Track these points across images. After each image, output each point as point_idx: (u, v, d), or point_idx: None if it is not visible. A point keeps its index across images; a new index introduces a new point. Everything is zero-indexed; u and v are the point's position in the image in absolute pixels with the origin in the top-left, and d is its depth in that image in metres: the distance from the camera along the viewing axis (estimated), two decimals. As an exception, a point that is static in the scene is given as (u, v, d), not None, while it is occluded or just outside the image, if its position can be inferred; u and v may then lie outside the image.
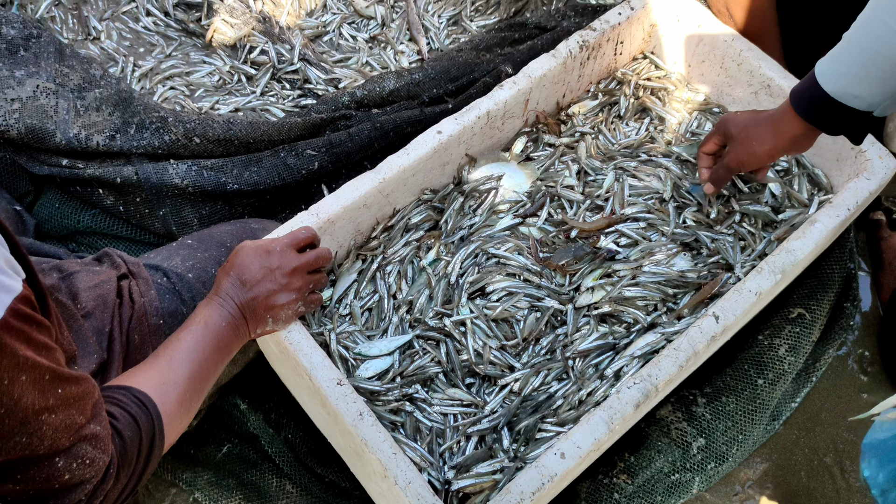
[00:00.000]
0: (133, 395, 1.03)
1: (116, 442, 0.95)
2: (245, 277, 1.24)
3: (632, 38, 1.76)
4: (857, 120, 1.23)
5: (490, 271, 1.51)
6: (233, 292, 1.23)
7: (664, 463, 1.57)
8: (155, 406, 1.04)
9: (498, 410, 1.39)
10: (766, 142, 1.35)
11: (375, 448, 1.21)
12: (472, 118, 1.54)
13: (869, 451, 1.37)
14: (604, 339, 1.44)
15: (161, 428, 1.04)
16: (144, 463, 1.01)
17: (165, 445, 1.06)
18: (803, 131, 1.30)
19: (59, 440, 0.84)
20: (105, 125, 1.68)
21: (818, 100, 1.22)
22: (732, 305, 1.37)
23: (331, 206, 1.42)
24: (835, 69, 1.19)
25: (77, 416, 0.87)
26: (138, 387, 1.05)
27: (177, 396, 1.09)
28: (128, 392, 1.03)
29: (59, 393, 0.84)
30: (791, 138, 1.32)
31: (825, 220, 1.46)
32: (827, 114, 1.23)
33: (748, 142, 1.37)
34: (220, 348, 1.20)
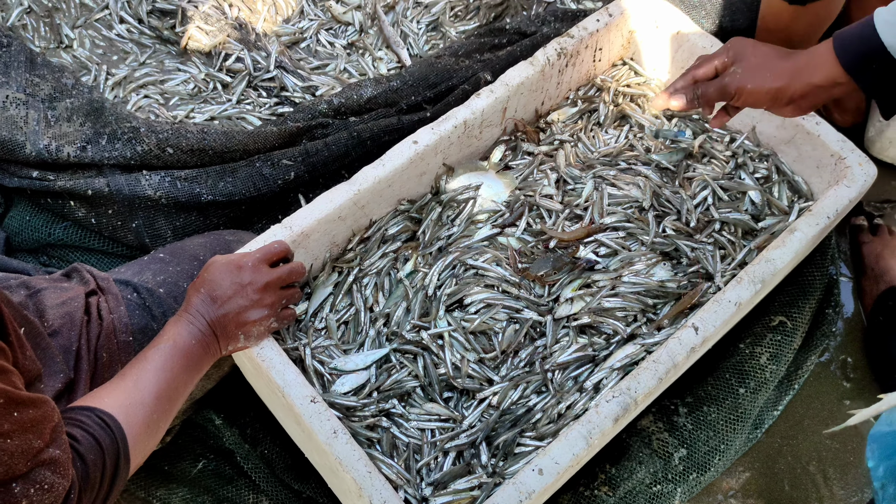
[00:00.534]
0: (97, 417, 1.00)
1: (78, 466, 0.93)
2: (216, 294, 1.22)
3: (610, 45, 1.75)
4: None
5: (468, 283, 1.49)
6: (203, 309, 1.21)
7: (645, 474, 1.55)
8: (120, 427, 1.01)
9: (476, 425, 1.37)
10: (782, 77, 1.14)
11: (350, 467, 1.19)
12: (448, 127, 1.52)
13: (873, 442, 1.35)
14: (583, 351, 1.42)
15: (126, 450, 1.01)
16: (109, 486, 0.99)
17: (131, 467, 1.04)
18: (831, 81, 1.11)
19: (15, 466, 0.81)
20: (76, 136, 1.65)
21: (870, 51, 1.04)
22: (712, 316, 1.36)
23: (305, 219, 1.40)
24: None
25: (35, 440, 0.84)
26: (103, 407, 1.03)
27: (143, 417, 1.06)
28: (91, 413, 1.01)
29: (14, 417, 0.82)
30: (813, 85, 1.13)
31: (805, 228, 1.45)
32: (874, 69, 1.06)
33: (762, 70, 1.16)
34: (190, 367, 1.17)
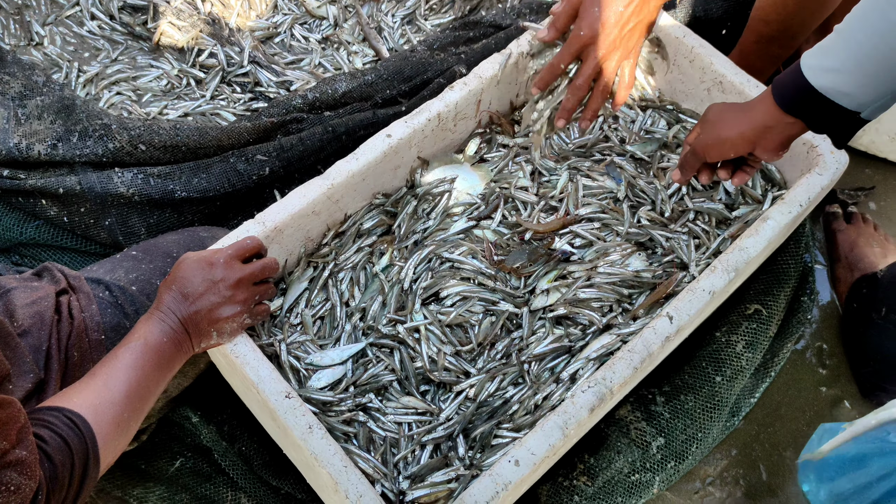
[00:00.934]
0: (65, 417, 1.00)
1: (46, 466, 0.92)
2: (187, 291, 1.21)
3: (584, 36, 1.74)
4: (843, 119, 1.14)
5: (444, 276, 1.48)
6: (174, 306, 1.20)
7: (624, 463, 1.56)
8: (89, 427, 1.01)
9: (453, 417, 1.37)
10: (735, 127, 1.26)
11: (325, 462, 1.18)
12: (422, 121, 1.52)
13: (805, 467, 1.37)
14: (559, 342, 1.43)
15: (95, 449, 1.00)
16: (78, 486, 0.98)
17: (102, 467, 1.03)
18: (777, 122, 1.21)
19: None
20: (47, 134, 1.63)
21: (803, 94, 1.14)
22: (686, 305, 1.36)
23: (278, 214, 1.39)
24: (824, 63, 1.11)
25: (0, 441, 0.83)
26: (71, 407, 1.02)
27: (113, 416, 1.05)
28: (59, 413, 1.00)
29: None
30: (762, 127, 1.23)
31: (777, 216, 1.45)
32: (812, 109, 1.15)
33: (718, 125, 1.29)
34: (161, 365, 1.16)
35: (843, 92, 1.11)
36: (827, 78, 1.11)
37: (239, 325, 1.26)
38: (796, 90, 1.15)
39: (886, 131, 2.02)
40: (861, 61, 1.06)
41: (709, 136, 1.31)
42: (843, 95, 1.11)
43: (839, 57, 1.08)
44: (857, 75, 1.08)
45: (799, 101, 1.16)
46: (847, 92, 1.10)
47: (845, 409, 1.80)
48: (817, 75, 1.11)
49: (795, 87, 1.15)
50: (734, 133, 1.26)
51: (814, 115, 1.16)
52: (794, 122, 1.20)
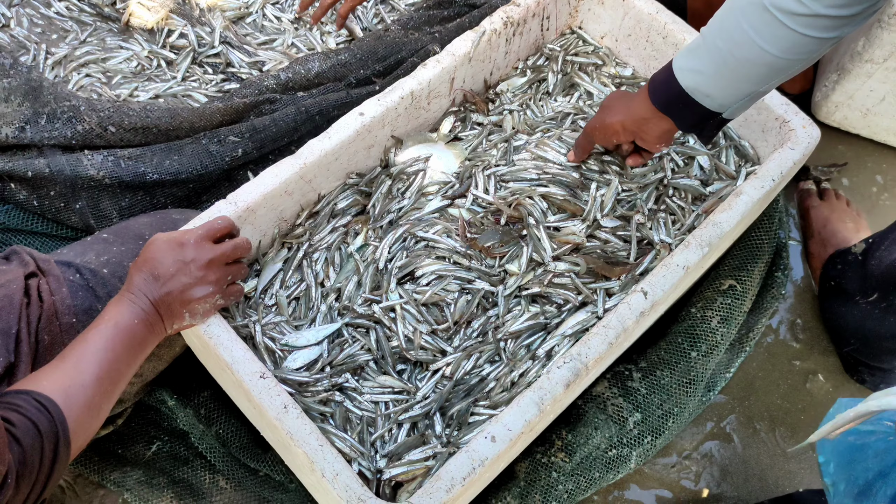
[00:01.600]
0: (34, 400, 0.98)
1: (15, 450, 0.91)
2: (158, 272, 1.20)
3: (558, 14, 1.74)
4: (707, 118, 1.21)
5: (419, 255, 1.48)
6: (145, 288, 1.19)
7: (601, 439, 1.57)
8: (59, 410, 1.00)
9: (430, 396, 1.38)
10: (618, 115, 1.34)
11: (301, 441, 1.18)
12: (395, 99, 1.51)
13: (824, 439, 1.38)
14: (535, 320, 1.43)
15: (66, 433, 0.99)
16: (49, 470, 0.97)
17: (73, 451, 1.02)
18: (650, 116, 1.28)
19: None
20: (14, 116, 1.60)
21: (672, 92, 1.20)
22: (661, 281, 1.37)
23: (250, 194, 1.38)
24: (690, 65, 1.16)
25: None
26: (41, 390, 1.01)
27: (84, 399, 1.04)
28: (28, 397, 0.98)
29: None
30: (640, 119, 1.30)
31: (750, 191, 1.46)
32: (680, 107, 1.21)
33: (606, 111, 1.38)
34: (133, 347, 1.15)
35: (705, 93, 1.16)
36: (692, 78, 1.16)
37: (211, 306, 1.25)
38: (667, 88, 1.21)
39: (858, 107, 2.04)
40: (719, 66, 1.12)
41: (597, 121, 1.40)
42: (705, 96, 1.17)
43: (702, 60, 1.14)
44: (716, 78, 1.14)
45: (668, 99, 1.22)
46: (709, 93, 1.16)
47: (819, 382, 1.82)
48: (685, 75, 1.17)
49: (666, 84, 1.21)
50: (616, 120, 1.34)
51: (681, 112, 1.22)
52: (665, 118, 1.26)
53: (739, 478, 1.70)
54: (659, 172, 1.58)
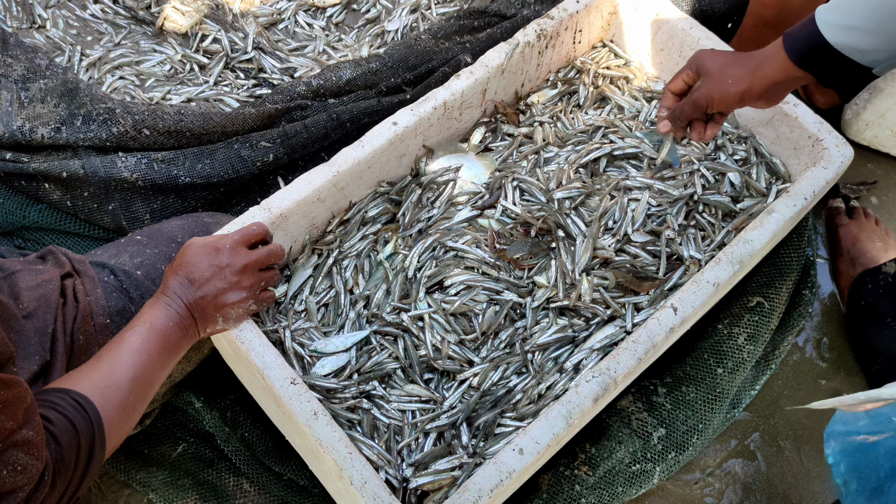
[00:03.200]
0: (72, 399, 1.00)
1: (52, 448, 0.92)
2: (193, 276, 1.21)
3: (590, 27, 1.74)
4: (854, 74, 1.15)
5: (448, 265, 1.49)
6: (180, 291, 1.20)
7: (625, 454, 1.56)
8: (95, 409, 1.01)
9: (457, 406, 1.38)
10: (743, 82, 1.25)
11: (330, 448, 1.18)
12: (428, 109, 1.52)
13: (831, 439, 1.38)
14: (563, 333, 1.43)
15: (102, 432, 1.00)
16: (84, 469, 0.98)
17: (107, 450, 1.03)
18: (787, 77, 1.21)
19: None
20: (50, 117, 1.62)
21: (817, 48, 1.14)
22: (691, 297, 1.37)
23: (283, 201, 1.39)
24: (839, 19, 1.12)
25: (7, 421, 0.83)
26: (78, 389, 1.02)
27: (119, 399, 1.05)
28: (66, 395, 1.00)
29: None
30: (772, 83, 1.23)
31: (782, 209, 1.46)
32: (826, 63, 1.16)
33: (723, 78, 1.28)
34: (167, 349, 1.16)
35: (858, 49, 1.11)
36: (844, 34, 1.11)
37: (244, 311, 1.26)
38: (810, 45, 1.15)
39: (890, 126, 2.03)
40: (881, 20, 1.07)
41: (715, 90, 1.29)
42: (858, 52, 1.12)
43: (858, 14, 1.09)
44: (875, 33, 1.09)
45: (812, 56, 1.16)
46: (863, 49, 1.11)
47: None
48: (834, 32, 1.12)
49: (809, 42, 1.15)
50: (743, 87, 1.26)
51: (826, 69, 1.17)
52: (804, 76, 1.20)
53: (763, 496, 1.69)
54: (689, 188, 1.57)
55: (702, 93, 1.31)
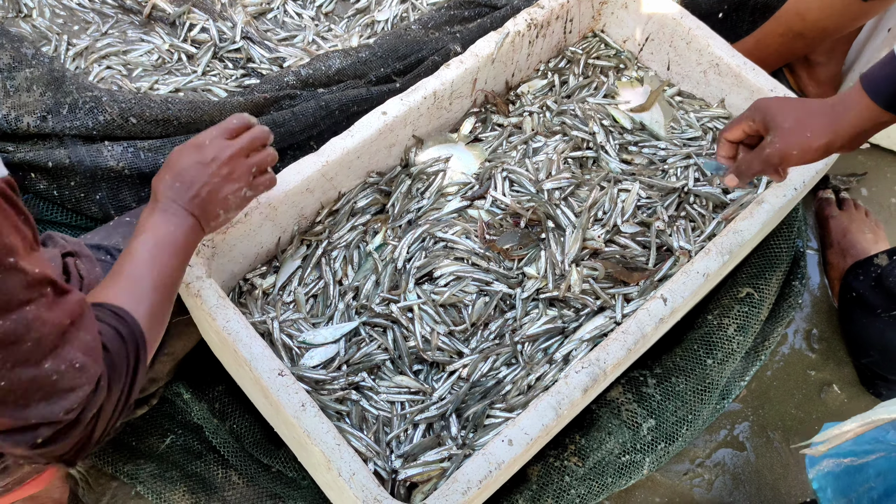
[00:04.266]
0: (110, 311, 0.99)
1: (104, 356, 0.92)
2: (182, 178, 1.17)
3: (581, 16, 1.73)
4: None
5: (438, 255, 1.48)
6: (173, 195, 1.16)
7: (615, 444, 1.56)
8: (132, 317, 1.01)
9: (446, 397, 1.37)
10: (825, 134, 1.12)
11: (318, 440, 1.18)
12: (418, 98, 1.51)
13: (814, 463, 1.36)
14: (552, 323, 1.43)
15: (143, 339, 1.01)
16: (133, 374, 0.98)
17: (147, 358, 1.03)
18: (874, 123, 1.11)
19: (46, 338, 0.81)
20: (36, 106, 1.60)
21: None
22: (681, 287, 1.37)
23: (272, 191, 1.37)
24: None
25: (65, 318, 0.83)
26: (112, 301, 1.01)
27: (147, 307, 1.05)
28: (103, 308, 0.99)
29: (46, 291, 0.81)
30: (857, 132, 1.12)
31: (772, 200, 1.45)
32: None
33: (800, 133, 1.14)
34: (177, 253, 1.14)
35: None
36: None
37: (243, 199, 1.23)
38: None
39: (880, 117, 2.02)
40: None
41: (793, 146, 1.16)
42: None
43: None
44: None
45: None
46: None
47: (834, 393, 1.81)
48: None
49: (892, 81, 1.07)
50: (825, 140, 1.14)
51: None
52: (892, 118, 1.12)
53: (752, 487, 1.70)
54: (682, 180, 1.57)
55: (776, 150, 1.17)
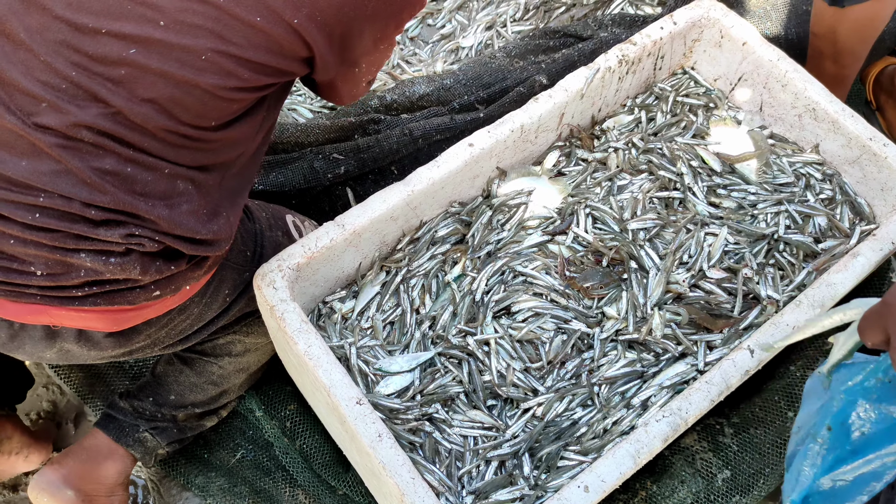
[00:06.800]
0: None
1: None
2: None
3: (672, 53, 1.71)
4: None
5: (516, 290, 1.47)
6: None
7: (687, 493, 1.52)
8: None
9: (520, 435, 1.36)
10: None
11: (393, 472, 1.18)
12: (505, 131, 1.50)
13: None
14: (631, 367, 1.40)
15: None
16: None
17: None
18: None
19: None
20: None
21: None
22: (768, 339, 1.32)
23: (358, 218, 1.38)
24: None
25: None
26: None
27: None
28: None
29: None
30: None
31: (868, 253, 1.40)
32: None
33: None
34: None
35: None
36: None
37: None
38: None
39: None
40: None
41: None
42: None
43: None
44: None
45: None
46: None
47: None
48: None
49: None
50: None
51: None
52: None
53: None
54: (772, 226, 1.53)
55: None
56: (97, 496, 1.43)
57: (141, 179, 1.02)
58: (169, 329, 1.27)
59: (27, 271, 1.04)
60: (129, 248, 1.05)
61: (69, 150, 0.97)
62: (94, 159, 0.98)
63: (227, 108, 1.03)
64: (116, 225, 1.02)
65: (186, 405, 1.48)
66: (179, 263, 1.12)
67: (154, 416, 1.46)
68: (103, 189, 0.99)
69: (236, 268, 1.33)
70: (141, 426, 1.45)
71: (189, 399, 1.47)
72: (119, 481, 1.46)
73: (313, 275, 1.40)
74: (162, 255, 1.10)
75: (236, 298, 1.37)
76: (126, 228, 1.03)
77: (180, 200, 1.06)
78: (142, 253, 1.06)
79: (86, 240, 1.02)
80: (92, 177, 0.98)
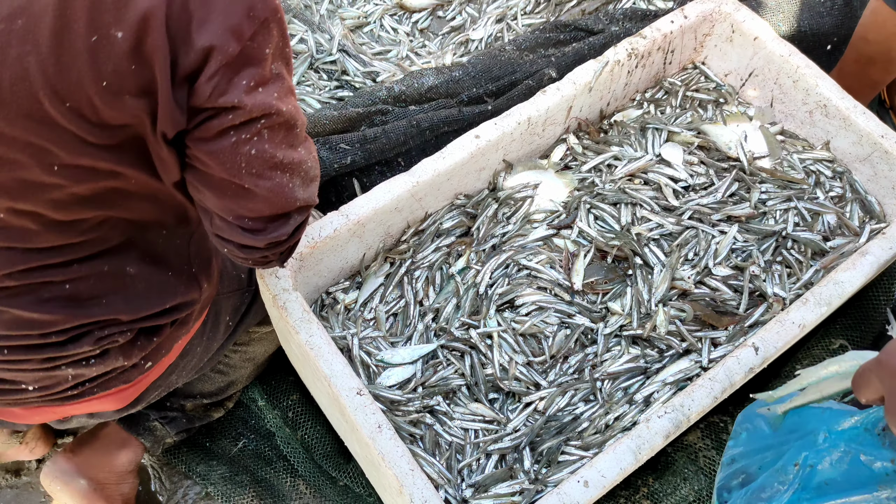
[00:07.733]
0: None
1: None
2: None
3: (683, 48, 1.69)
4: None
5: (520, 283, 1.46)
6: None
7: (689, 491, 1.51)
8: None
9: (521, 429, 1.35)
10: None
11: (392, 463, 1.17)
12: (512, 124, 1.49)
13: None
14: (635, 363, 1.39)
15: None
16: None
17: None
18: None
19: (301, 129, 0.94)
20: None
21: None
22: (773, 337, 1.31)
23: (362, 208, 1.38)
24: None
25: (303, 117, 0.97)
26: None
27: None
28: None
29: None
30: None
31: (877, 252, 1.39)
32: None
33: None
34: None
35: None
36: None
37: None
38: None
39: None
40: None
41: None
42: None
43: None
44: None
45: None
46: None
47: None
48: None
49: None
50: None
51: None
52: None
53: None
54: (780, 224, 1.51)
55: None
56: (108, 484, 1.44)
57: (83, 289, 0.99)
58: (178, 373, 1.29)
59: (20, 388, 1.07)
60: (105, 349, 1.05)
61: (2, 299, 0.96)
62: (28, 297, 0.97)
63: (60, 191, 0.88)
64: (82, 337, 1.03)
65: (195, 395, 1.48)
66: (161, 333, 1.11)
67: (163, 405, 1.46)
68: (53, 317, 0.98)
69: (231, 294, 1.32)
70: (151, 415, 1.45)
71: (197, 389, 1.48)
72: (129, 469, 1.47)
73: (317, 265, 1.39)
74: (141, 336, 1.09)
75: (241, 319, 1.37)
76: (92, 336, 1.03)
77: (134, 283, 1.03)
78: (120, 345, 1.06)
79: (60, 358, 1.03)
80: (36, 312, 0.97)
